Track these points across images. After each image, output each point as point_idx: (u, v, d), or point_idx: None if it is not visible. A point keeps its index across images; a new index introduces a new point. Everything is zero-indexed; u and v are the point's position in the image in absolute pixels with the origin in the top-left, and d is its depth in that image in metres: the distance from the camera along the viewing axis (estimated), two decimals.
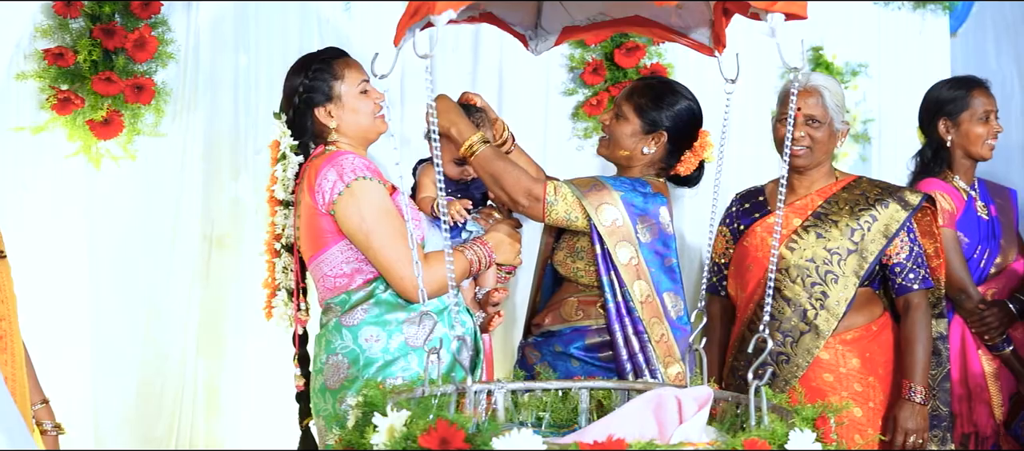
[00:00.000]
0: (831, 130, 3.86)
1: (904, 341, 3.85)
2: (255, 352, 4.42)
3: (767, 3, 2.65)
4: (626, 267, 3.47)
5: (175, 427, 4.40)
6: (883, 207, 3.84)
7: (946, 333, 4.09)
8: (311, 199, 3.32)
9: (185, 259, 4.42)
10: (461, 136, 3.49)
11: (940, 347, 4.06)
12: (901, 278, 3.85)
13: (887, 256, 3.85)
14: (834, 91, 3.89)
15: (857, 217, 3.82)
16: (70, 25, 4.17)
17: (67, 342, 4.28)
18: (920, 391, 3.78)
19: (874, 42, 5.32)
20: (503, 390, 2.97)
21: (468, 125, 3.51)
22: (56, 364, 4.23)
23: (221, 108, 4.45)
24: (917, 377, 3.79)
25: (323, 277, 3.39)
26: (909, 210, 3.84)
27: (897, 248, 3.84)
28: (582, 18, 3.34)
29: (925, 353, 3.83)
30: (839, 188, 3.92)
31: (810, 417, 2.60)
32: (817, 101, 3.84)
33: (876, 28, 5.33)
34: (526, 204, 3.48)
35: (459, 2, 2.55)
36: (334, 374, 3.33)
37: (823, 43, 5.18)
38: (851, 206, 3.85)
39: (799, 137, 3.83)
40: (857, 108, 5.24)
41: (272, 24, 4.51)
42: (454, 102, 3.58)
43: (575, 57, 4.83)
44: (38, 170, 4.22)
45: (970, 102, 4.28)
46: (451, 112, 3.53)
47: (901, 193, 3.89)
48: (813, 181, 3.93)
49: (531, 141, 4.72)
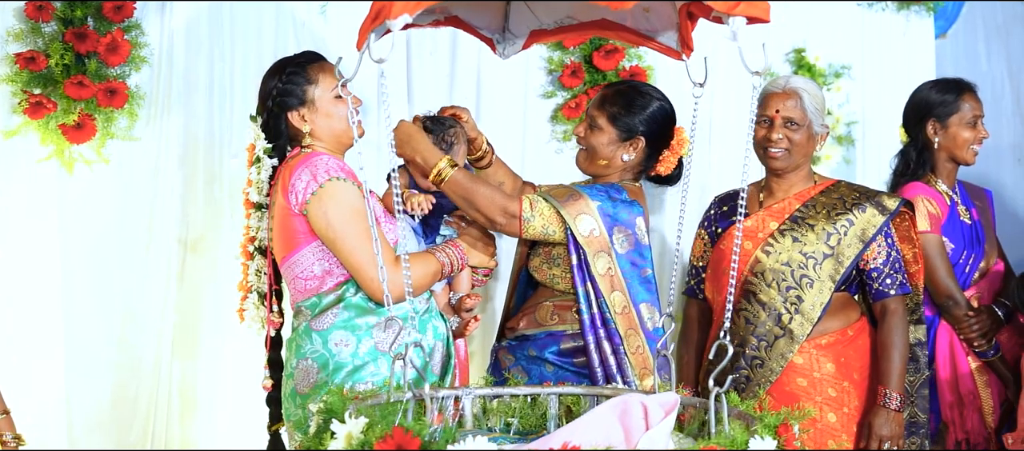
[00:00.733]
0: (810, 133, 3.84)
1: (880, 347, 3.83)
2: (230, 355, 4.41)
3: (729, 6, 2.62)
4: (603, 277, 3.45)
5: (150, 430, 4.39)
6: (860, 211, 3.82)
7: (924, 339, 4.07)
8: (284, 199, 3.31)
9: (160, 263, 4.41)
10: (427, 164, 3.44)
11: (918, 353, 4.03)
12: (878, 284, 3.83)
13: (864, 261, 3.82)
14: (813, 94, 3.86)
15: (834, 221, 3.80)
16: (42, 29, 4.16)
17: (41, 346, 4.28)
18: (895, 398, 3.76)
19: (858, 44, 5.29)
20: (471, 396, 2.95)
21: (433, 151, 3.46)
22: (30, 369, 4.24)
23: (196, 112, 4.44)
24: (892, 383, 3.77)
25: (294, 279, 3.38)
26: (887, 215, 3.82)
27: (874, 253, 3.82)
28: (549, 21, 3.32)
29: (901, 359, 3.81)
30: (817, 192, 3.90)
31: (772, 424, 2.58)
32: (796, 103, 3.82)
33: (860, 29, 5.30)
34: (503, 222, 3.45)
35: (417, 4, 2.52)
36: (304, 379, 3.32)
37: (806, 44, 5.15)
38: (828, 210, 3.83)
39: (777, 139, 3.81)
40: (840, 110, 5.22)
41: (247, 27, 4.50)
42: (415, 127, 3.51)
43: (553, 60, 4.81)
44: (10, 174, 4.21)
45: (960, 106, 4.26)
46: (413, 139, 3.48)
47: (879, 198, 3.87)
48: (792, 184, 3.91)
49: (510, 144, 4.72)
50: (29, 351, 4.25)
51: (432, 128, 3.52)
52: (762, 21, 2.70)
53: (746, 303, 3.84)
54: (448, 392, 2.92)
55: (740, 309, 3.85)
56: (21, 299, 4.24)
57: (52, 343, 4.30)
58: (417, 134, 3.48)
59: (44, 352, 4.28)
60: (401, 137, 3.48)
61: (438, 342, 3.42)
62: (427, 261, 3.37)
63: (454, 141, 3.53)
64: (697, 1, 2.71)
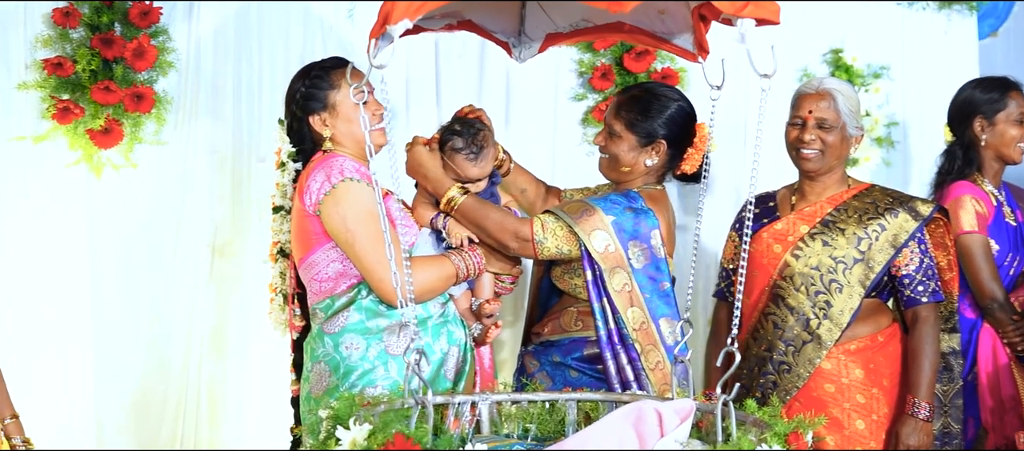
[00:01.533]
0: (843, 135, 3.78)
1: (910, 355, 3.76)
2: (258, 358, 4.43)
3: (737, 7, 2.57)
4: (619, 294, 3.40)
5: (178, 433, 4.42)
6: (892, 216, 3.75)
7: (959, 348, 4.00)
8: (300, 200, 3.32)
9: (188, 266, 4.44)
10: (437, 191, 3.44)
11: (952, 363, 3.98)
12: (910, 290, 3.76)
13: (896, 267, 3.75)
14: (848, 95, 3.81)
15: (865, 226, 3.74)
16: (70, 35, 4.21)
17: (70, 349, 4.33)
18: (924, 407, 3.68)
19: (897, 44, 5.20)
20: (488, 402, 2.93)
21: (442, 179, 3.45)
22: (60, 372, 4.29)
23: (223, 116, 4.46)
24: (921, 392, 3.70)
25: (310, 281, 3.38)
26: (919, 221, 3.75)
27: (906, 259, 3.75)
28: (564, 25, 3.29)
29: (931, 368, 3.73)
30: (850, 196, 3.84)
31: (783, 432, 2.54)
32: (829, 105, 3.76)
33: (900, 29, 5.21)
34: (516, 246, 3.43)
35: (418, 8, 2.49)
36: (318, 382, 3.33)
37: (843, 45, 5.07)
38: (860, 214, 3.77)
39: (809, 140, 3.76)
40: (879, 111, 5.13)
41: (274, 31, 4.51)
42: (425, 153, 3.49)
43: (584, 62, 4.77)
44: (39, 179, 4.26)
45: (1007, 103, 4.22)
46: (423, 167, 3.47)
47: (912, 203, 3.80)
48: (825, 187, 3.85)
49: (540, 148, 4.71)
50: (59, 354, 4.31)
51: (461, 131, 3.48)
52: (772, 23, 2.67)
53: (774, 307, 3.78)
54: (464, 398, 2.90)
55: (768, 313, 3.80)
56: (51, 302, 4.29)
57: (81, 346, 4.34)
58: (426, 161, 3.47)
59: (73, 355, 4.33)
60: (412, 163, 3.49)
61: (453, 348, 3.40)
62: (441, 265, 3.35)
63: (484, 144, 3.49)
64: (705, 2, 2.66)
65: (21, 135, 4.22)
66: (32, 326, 4.26)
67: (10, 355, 4.07)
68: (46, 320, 4.28)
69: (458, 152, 3.44)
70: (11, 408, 3.30)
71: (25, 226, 4.24)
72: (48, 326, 4.28)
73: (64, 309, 4.31)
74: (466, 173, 3.45)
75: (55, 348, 4.29)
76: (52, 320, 4.29)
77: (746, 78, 4.87)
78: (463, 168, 3.45)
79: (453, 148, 3.45)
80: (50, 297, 4.28)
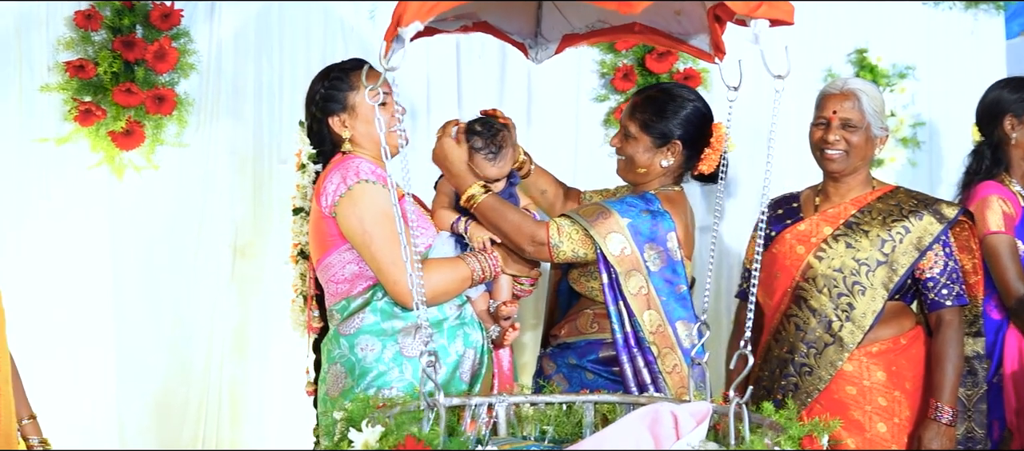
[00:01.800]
0: (868, 135, 3.75)
1: (933, 359, 3.72)
2: (279, 359, 4.43)
3: (750, 7, 2.55)
4: (635, 297, 3.39)
5: (200, 434, 4.44)
6: (917, 219, 3.71)
7: (983, 352, 3.96)
8: (317, 202, 3.33)
9: (209, 268, 4.46)
10: (460, 187, 3.44)
11: (976, 367, 3.93)
12: (934, 294, 3.72)
13: (920, 270, 3.72)
14: (872, 95, 3.78)
15: (889, 228, 3.71)
16: (92, 38, 4.24)
17: (92, 351, 4.36)
18: (947, 411, 3.65)
19: (923, 44, 5.15)
20: (504, 403, 2.92)
21: (466, 174, 3.45)
22: (82, 373, 4.32)
23: (244, 117, 4.48)
24: (945, 396, 3.66)
25: (327, 282, 3.40)
26: (944, 223, 3.71)
27: (930, 262, 3.71)
28: (581, 26, 3.28)
29: (955, 372, 3.69)
30: (874, 198, 3.81)
31: (797, 435, 2.52)
32: (853, 105, 3.73)
33: (925, 29, 5.16)
34: (532, 250, 3.42)
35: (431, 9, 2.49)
36: (334, 383, 3.34)
37: (868, 45, 5.03)
38: (884, 216, 3.74)
39: (833, 140, 3.73)
40: (904, 112, 5.09)
41: (296, 32, 4.52)
42: (453, 143, 3.48)
43: (606, 63, 4.76)
44: (62, 181, 4.29)
45: None
46: (448, 160, 3.47)
47: (937, 206, 3.76)
48: (849, 189, 3.82)
49: (562, 149, 4.70)
50: (81, 355, 4.34)
51: (481, 130, 3.49)
52: (786, 23, 2.64)
53: (796, 309, 3.76)
54: (480, 399, 2.89)
55: (790, 315, 3.77)
56: (73, 303, 4.32)
57: (103, 347, 4.37)
58: (453, 153, 3.46)
59: (95, 356, 4.36)
60: (438, 152, 3.49)
61: (469, 350, 3.40)
62: (456, 267, 3.34)
63: (503, 144, 3.50)
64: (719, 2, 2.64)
65: (44, 137, 4.25)
66: (55, 327, 4.29)
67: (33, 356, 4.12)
68: (68, 321, 4.31)
69: (477, 151, 3.45)
70: (29, 408, 3.32)
71: (47, 228, 4.27)
72: (70, 327, 4.31)
73: (86, 310, 4.34)
74: (484, 172, 3.45)
75: (77, 349, 4.32)
76: (74, 321, 4.32)
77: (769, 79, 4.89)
78: (482, 167, 3.45)
79: (472, 147, 3.45)
80: (72, 298, 4.31)
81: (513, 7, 3.27)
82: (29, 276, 4.25)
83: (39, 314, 4.26)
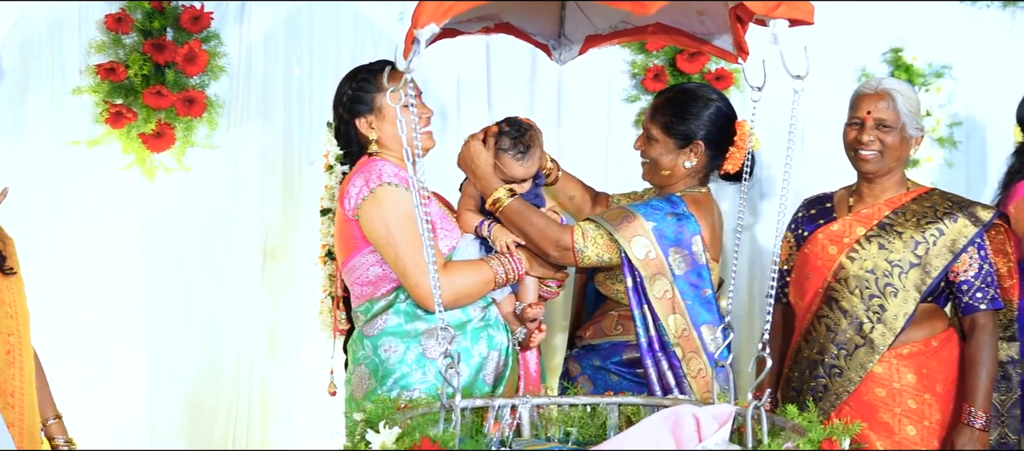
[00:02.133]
0: (903, 135, 3.71)
1: (967, 363, 3.68)
2: (309, 360, 4.44)
3: (769, 7, 2.53)
4: (660, 301, 3.37)
5: (230, 435, 4.47)
6: (951, 221, 3.67)
7: (1018, 357, 3.90)
8: (341, 205, 3.34)
9: (239, 269, 4.49)
10: (484, 189, 3.45)
11: (1010, 371, 3.88)
12: (968, 297, 3.67)
13: (954, 273, 3.67)
14: (907, 95, 3.73)
15: (923, 230, 3.67)
16: (123, 40, 4.27)
17: (123, 351, 4.40)
18: (981, 416, 3.60)
19: (960, 43, 5.07)
20: (528, 405, 2.92)
21: (491, 178, 3.45)
22: (113, 374, 4.35)
23: (274, 119, 4.50)
24: (978, 401, 3.61)
25: (352, 284, 3.41)
26: (979, 226, 3.67)
27: (965, 265, 3.66)
28: (604, 26, 3.27)
29: (988, 376, 3.64)
30: (909, 199, 3.76)
31: (816, 439, 2.50)
32: (888, 105, 3.69)
33: (962, 28, 5.08)
34: (556, 255, 3.42)
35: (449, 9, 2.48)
36: (359, 385, 3.35)
37: (903, 44, 4.97)
38: (918, 218, 3.70)
39: (868, 141, 3.69)
40: (941, 111, 5.02)
41: (325, 34, 4.53)
42: (482, 150, 3.48)
43: (637, 63, 4.73)
44: (94, 182, 4.34)
45: None
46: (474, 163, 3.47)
47: (972, 208, 3.71)
48: (883, 189, 3.78)
49: (592, 149, 4.69)
50: (112, 355, 4.38)
51: (508, 130, 3.48)
52: (805, 23, 2.62)
53: (827, 310, 3.72)
54: (504, 401, 2.89)
55: (821, 316, 3.74)
56: (105, 304, 4.37)
57: (135, 348, 4.42)
58: (479, 157, 3.47)
59: (127, 356, 4.41)
60: (465, 156, 3.50)
61: (493, 352, 3.40)
62: (479, 270, 3.34)
63: (531, 143, 3.49)
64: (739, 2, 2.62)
65: (76, 139, 4.29)
66: (87, 328, 4.34)
67: (65, 356, 4.19)
68: (100, 321, 4.35)
69: (505, 151, 3.45)
70: (54, 409, 3.35)
71: (80, 229, 4.32)
72: (102, 327, 4.36)
73: (118, 311, 4.39)
74: (512, 172, 3.45)
75: (109, 350, 4.36)
76: (106, 321, 4.36)
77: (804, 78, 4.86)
78: (509, 167, 3.45)
79: (500, 147, 3.45)
80: (104, 299, 4.36)
81: (536, 9, 3.26)
82: (61, 277, 4.30)
83: (71, 315, 4.31)
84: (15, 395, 3.05)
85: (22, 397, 3.06)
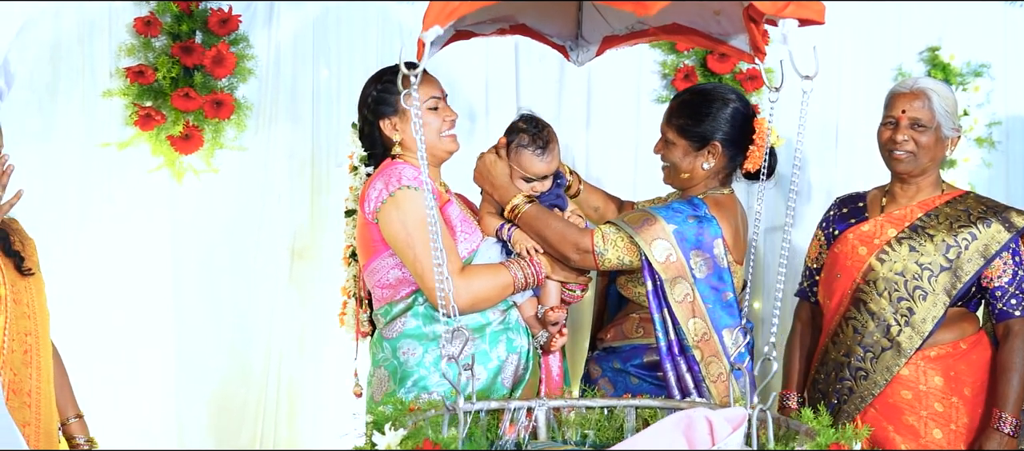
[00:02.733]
0: (938, 136, 3.66)
1: (999, 368, 3.62)
2: (336, 360, 4.45)
3: (778, 7, 2.50)
4: (681, 304, 3.35)
5: (258, 434, 4.49)
6: (985, 226, 3.62)
7: None
8: (361, 208, 3.35)
9: (268, 270, 4.51)
10: (503, 200, 3.45)
11: None
12: (1002, 303, 3.62)
13: (987, 279, 3.62)
14: (944, 95, 3.68)
15: (955, 234, 3.62)
16: (153, 44, 4.31)
17: (153, 352, 4.44)
18: (1010, 421, 3.54)
19: (999, 41, 4.99)
20: (544, 407, 2.91)
21: (509, 186, 3.46)
22: (142, 374, 4.40)
23: (302, 121, 4.52)
24: (1008, 407, 3.56)
25: (374, 287, 3.43)
26: (1013, 232, 3.62)
27: (998, 271, 3.61)
28: (621, 27, 3.25)
29: (1020, 383, 3.58)
30: (943, 202, 3.71)
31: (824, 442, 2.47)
32: (923, 104, 3.64)
33: (1002, 27, 4.99)
34: (577, 258, 3.41)
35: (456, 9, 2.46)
36: (379, 387, 3.37)
37: (941, 43, 4.89)
38: (951, 221, 3.65)
39: (902, 141, 3.65)
40: (979, 111, 4.94)
41: (353, 36, 4.54)
42: (497, 161, 3.50)
43: (667, 64, 4.70)
44: (124, 184, 4.38)
45: None
46: (491, 174, 3.49)
47: (1007, 213, 3.66)
48: (918, 190, 3.74)
49: (622, 150, 4.67)
50: (141, 356, 4.42)
51: (526, 128, 3.48)
52: (816, 23, 2.59)
53: (855, 311, 3.68)
54: (520, 403, 2.89)
55: (848, 317, 3.70)
56: (134, 306, 4.41)
57: (164, 348, 4.45)
58: (495, 169, 3.48)
59: (156, 357, 4.45)
60: (480, 170, 3.51)
61: (512, 355, 3.40)
62: (497, 274, 3.34)
63: (549, 139, 3.49)
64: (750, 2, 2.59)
65: (106, 142, 4.33)
66: (116, 328, 4.38)
67: (94, 357, 4.24)
68: (130, 322, 4.39)
69: (524, 148, 3.45)
70: (75, 408, 3.39)
71: (110, 230, 4.36)
72: (132, 328, 4.39)
73: (147, 311, 4.42)
74: (533, 168, 3.45)
75: (138, 350, 4.40)
76: (135, 322, 4.40)
77: (837, 78, 4.80)
78: (530, 163, 3.45)
79: (519, 145, 3.45)
80: (133, 300, 4.40)
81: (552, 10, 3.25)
82: (91, 278, 4.34)
83: (101, 315, 4.35)
84: (32, 394, 3.08)
85: (39, 397, 3.10)
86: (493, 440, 2.85)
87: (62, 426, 3.34)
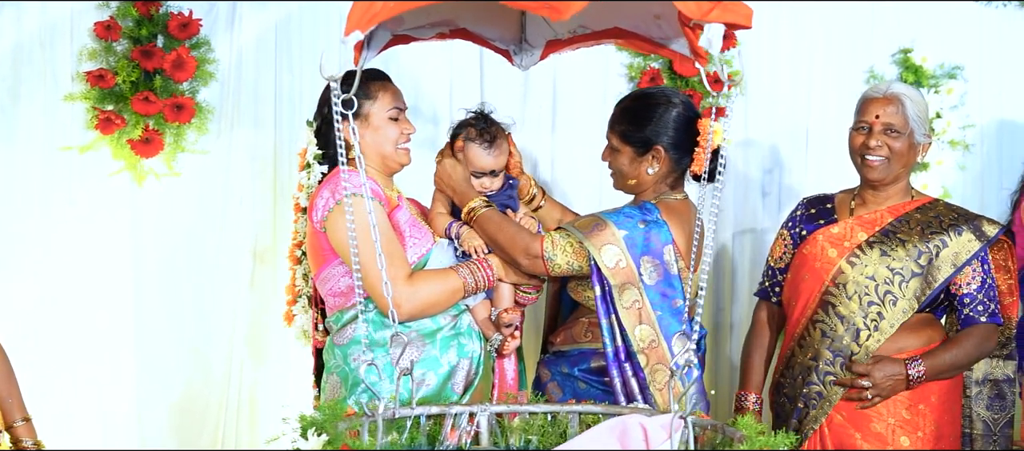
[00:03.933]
0: (911, 142, 3.64)
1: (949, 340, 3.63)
2: (298, 363, 4.43)
3: (703, 10, 2.47)
4: (628, 311, 3.32)
5: (219, 436, 4.51)
6: (956, 234, 3.60)
7: (1014, 376, 3.84)
8: (310, 217, 3.35)
9: (229, 272, 4.52)
10: (461, 201, 3.45)
11: (1005, 390, 3.84)
12: (969, 309, 3.61)
13: (956, 286, 3.62)
14: (916, 101, 3.66)
15: (926, 240, 3.60)
16: (114, 48, 4.32)
17: (113, 354, 4.45)
18: (921, 372, 3.53)
19: (974, 44, 4.95)
20: (486, 412, 2.91)
21: (468, 190, 3.46)
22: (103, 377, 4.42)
23: (264, 124, 4.53)
24: (930, 364, 3.55)
25: (326, 295, 3.42)
26: (983, 241, 3.61)
27: (967, 278, 3.60)
28: (563, 31, 3.23)
29: (953, 359, 3.58)
30: (913, 208, 3.70)
31: None
32: (896, 109, 3.62)
33: (977, 29, 4.95)
34: (526, 263, 3.40)
35: (380, 12, 2.45)
36: (331, 393, 3.38)
37: (913, 45, 4.86)
38: (923, 228, 3.63)
39: (875, 146, 3.62)
40: (952, 113, 4.90)
41: (316, 39, 4.54)
42: (457, 164, 3.50)
43: (633, 66, 4.69)
44: (85, 187, 4.39)
45: None
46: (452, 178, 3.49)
47: (978, 222, 3.65)
48: (887, 197, 3.72)
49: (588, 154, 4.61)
50: (103, 358, 4.44)
51: (473, 122, 3.52)
52: (743, 27, 2.56)
53: (823, 314, 3.66)
54: (462, 408, 2.89)
55: (816, 320, 3.67)
56: (95, 308, 4.43)
57: (125, 350, 4.47)
58: (455, 173, 3.48)
59: (117, 359, 4.46)
60: (441, 175, 3.51)
61: (463, 360, 3.39)
62: (447, 279, 3.33)
63: (497, 134, 3.50)
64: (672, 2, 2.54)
65: (68, 145, 4.35)
66: (78, 330, 4.40)
67: (56, 358, 4.25)
68: (92, 324, 4.41)
69: (471, 142, 3.46)
70: (23, 411, 3.39)
71: (72, 233, 4.39)
72: (94, 330, 4.41)
73: (109, 314, 4.44)
74: (479, 162, 3.46)
75: (99, 352, 4.42)
76: (97, 324, 4.42)
77: (807, 80, 4.78)
78: (477, 156, 3.46)
79: (467, 138, 3.46)
80: (95, 302, 4.42)
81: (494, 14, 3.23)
82: (54, 280, 4.37)
83: (63, 317, 4.38)
84: None
85: None
86: (436, 446, 2.86)
87: (9, 429, 3.33)
